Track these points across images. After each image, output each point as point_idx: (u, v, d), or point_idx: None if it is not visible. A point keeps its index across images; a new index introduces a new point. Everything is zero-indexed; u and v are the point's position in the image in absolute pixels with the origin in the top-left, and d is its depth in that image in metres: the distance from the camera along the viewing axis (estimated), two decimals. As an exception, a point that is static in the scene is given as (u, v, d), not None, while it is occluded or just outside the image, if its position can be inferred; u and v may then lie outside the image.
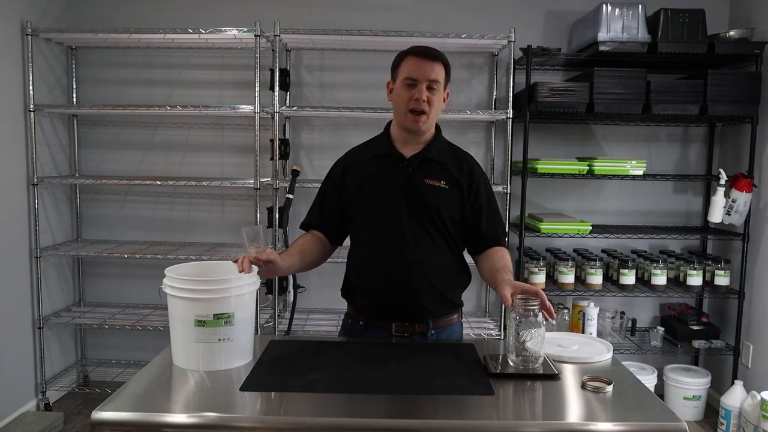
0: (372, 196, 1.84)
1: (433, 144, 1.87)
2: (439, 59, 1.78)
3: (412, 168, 1.83)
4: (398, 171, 1.83)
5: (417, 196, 1.81)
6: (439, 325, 1.87)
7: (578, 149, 3.63)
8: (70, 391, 3.65)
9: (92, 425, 1.30)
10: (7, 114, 3.12)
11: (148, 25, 3.50)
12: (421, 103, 1.76)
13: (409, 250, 1.79)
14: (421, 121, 1.79)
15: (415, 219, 1.80)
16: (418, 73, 1.76)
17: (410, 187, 1.81)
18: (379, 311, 1.86)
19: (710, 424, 3.35)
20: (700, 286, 3.34)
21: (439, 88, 1.78)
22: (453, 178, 1.84)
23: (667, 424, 1.30)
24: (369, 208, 1.85)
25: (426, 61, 1.76)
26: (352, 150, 1.97)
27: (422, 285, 1.82)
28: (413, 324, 1.84)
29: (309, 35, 3.23)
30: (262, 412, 1.37)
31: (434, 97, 1.78)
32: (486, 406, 1.37)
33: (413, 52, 1.79)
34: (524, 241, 3.31)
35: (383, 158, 1.87)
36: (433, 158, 1.85)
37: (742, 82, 3.14)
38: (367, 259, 1.87)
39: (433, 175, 1.83)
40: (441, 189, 1.82)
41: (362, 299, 1.89)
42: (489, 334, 3.33)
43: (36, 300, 3.35)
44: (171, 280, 1.56)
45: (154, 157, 3.70)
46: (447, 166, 1.85)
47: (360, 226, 1.90)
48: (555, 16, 3.59)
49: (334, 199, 1.92)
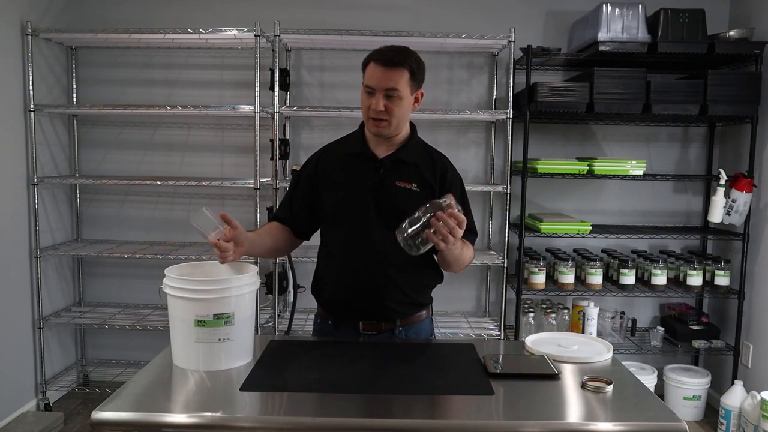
0: (342, 196, 1.84)
1: (407, 145, 1.85)
2: (400, 65, 1.73)
3: (383, 169, 1.82)
4: (370, 172, 1.82)
5: (387, 198, 1.80)
6: (407, 322, 1.88)
7: (578, 149, 3.63)
8: (70, 391, 3.65)
9: (92, 425, 1.30)
10: (7, 114, 3.12)
11: (148, 25, 3.50)
12: (377, 112, 1.74)
13: (377, 251, 1.79)
14: (381, 126, 1.77)
15: (383, 221, 1.79)
16: (374, 81, 1.73)
17: (381, 189, 1.81)
18: (346, 310, 1.87)
19: (710, 424, 3.35)
20: (700, 286, 3.34)
21: (399, 95, 1.74)
22: (425, 180, 1.83)
23: (667, 424, 1.30)
24: (339, 208, 1.84)
25: (384, 69, 1.72)
26: (327, 147, 1.96)
27: (388, 286, 1.82)
28: (380, 322, 1.85)
29: (309, 35, 3.23)
30: (262, 412, 1.37)
31: (393, 105, 1.74)
32: (486, 406, 1.37)
33: (374, 59, 1.75)
34: (524, 241, 3.31)
35: (356, 157, 1.85)
36: (405, 160, 1.83)
37: (742, 82, 3.14)
38: (335, 259, 1.87)
39: (405, 177, 1.82)
40: (412, 191, 1.81)
41: (330, 298, 1.91)
42: (489, 334, 3.33)
43: (36, 300, 3.35)
44: (171, 280, 1.57)
45: (154, 157, 3.70)
46: (419, 168, 1.84)
47: (329, 225, 1.89)
48: (555, 16, 3.59)
49: (305, 194, 1.91)
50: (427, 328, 1.95)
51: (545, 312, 3.38)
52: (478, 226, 3.64)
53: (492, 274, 3.70)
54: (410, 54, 1.78)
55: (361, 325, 1.85)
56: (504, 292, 3.37)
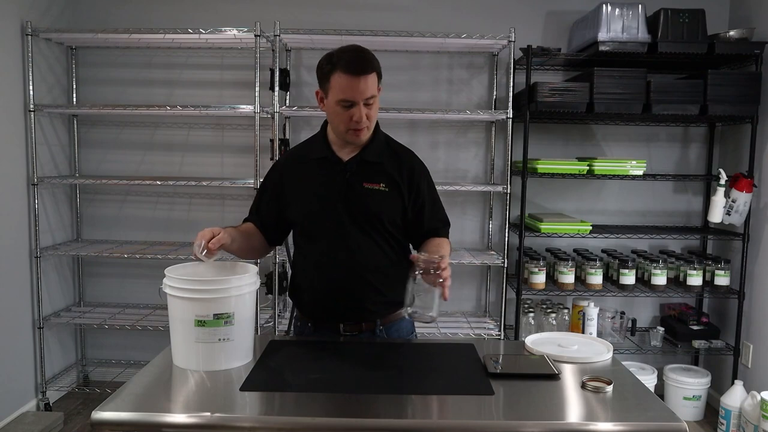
0: (312, 202, 1.81)
1: (370, 145, 1.82)
2: (370, 70, 1.68)
3: (350, 172, 1.80)
4: (337, 176, 1.80)
5: (357, 200, 1.78)
6: (388, 321, 1.88)
7: (578, 149, 3.63)
8: (70, 391, 3.65)
9: (92, 425, 1.30)
10: (7, 114, 3.12)
11: (148, 25, 3.50)
12: (361, 123, 1.71)
13: (351, 254, 1.78)
14: (362, 135, 1.75)
15: (355, 224, 1.78)
16: (353, 94, 1.67)
17: (350, 192, 1.79)
18: (325, 314, 1.86)
19: (710, 424, 3.35)
20: (700, 286, 3.34)
21: (375, 100, 1.72)
22: (392, 179, 1.81)
23: (667, 424, 1.30)
24: (309, 214, 1.82)
25: (359, 79, 1.66)
26: (290, 153, 1.95)
27: (366, 289, 1.81)
28: (360, 323, 1.84)
29: (309, 35, 3.23)
30: (262, 412, 1.37)
31: (371, 110, 1.72)
32: (486, 406, 1.37)
33: (344, 69, 1.66)
34: (524, 241, 3.31)
35: (321, 162, 1.83)
36: (370, 160, 1.81)
37: (742, 82, 3.14)
38: (310, 265, 1.85)
39: (372, 178, 1.80)
40: (380, 191, 1.80)
41: (308, 303, 1.89)
42: (489, 334, 3.33)
43: (36, 300, 3.35)
44: (171, 280, 1.57)
45: (154, 157, 3.70)
46: (385, 167, 1.81)
47: (301, 232, 1.88)
48: (555, 16, 3.59)
49: (271, 204, 1.90)
50: (408, 325, 1.95)
51: (545, 312, 3.38)
52: (477, 226, 3.71)
53: (492, 274, 3.70)
54: (370, 53, 1.73)
55: (342, 327, 1.84)
56: (504, 292, 3.37)
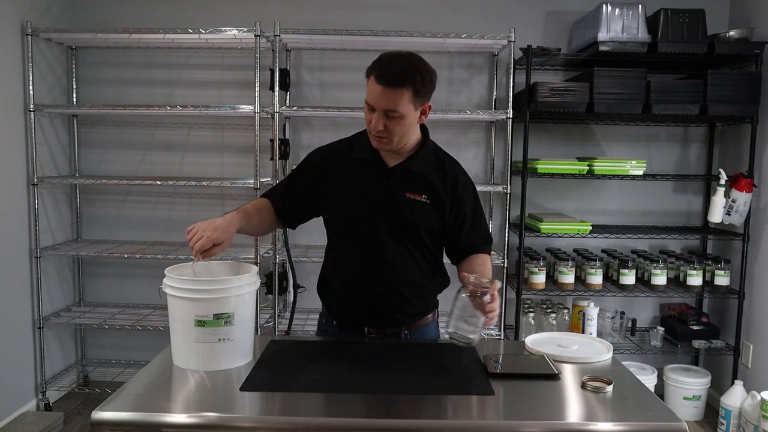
0: (351, 205, 1.78)
1: (417, 154, 1.78)
2: (401, 85, 1.61)
3: (392, 180, 1.76)
4: (379, 181, 1.76)
5: (396, 209, 1.75)
6: (413, 326, 1.87)
7: (578, 149, 3.63)
8: (70, 391, 3.65)
9: (92, 425, 1.30)
10: (7, 114, 3.12)
11: (148, 25, 3.50)
12: (377, 131, 1.67)
13: (386, 265, 1.76)
14: (383, 143, 1.71)
15: (392, 233, 1.75)
16: (374, 100, 1.64)
17: (390, 200, 1.75)
18: (352, 318, 1.85)
19: (710, 424, 3.35)
20: (700, 286, 3.34)
21: (400, 115, 1.64)
22: (435, 191, 1.77)
23: (667, 424, 1.30)
24: (347, 217, 1.80)
25: (384, 89, 1.61)
26: (335, 146, 1.87)
27: (397, 300, 1.79)
28: (386, 328, 1.83)
29: (309, 35, 3.23)
30: (262, 412, 1.37)
31: (393, 124, 1.65)
32: (486, 406, 1.37)
33: (375, 74, 1.63)
34: (524, 241, 3.31)
35: (365, 164, 1.79)
36: (415, 170, 1.77)
37: (742, 82, 3.14)
38: (342, 268, 1.84)
39: (415, 188, 1.76)
40: (422, 203, 1.76)
41: (336, 304, 1.88)
42: (489, 334, 3.33)
43: (36, 300, 3.35)
44: (171, 280, 1.56)
45: (154, 157, 3.70)
46: (429, 179, 1.77)
47: (336, 233, 1.85)
48: (555, 16, 3.59)
49: (305, 189, 1.84)
50: (434, 330, 1.93)
51: (545, 312, 3.38)
52: (478, 226, 3.69)
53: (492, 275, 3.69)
54: (415, 68, 1.64)
55: (367, 330, 1.83)
56: (504, 292, 3.37)
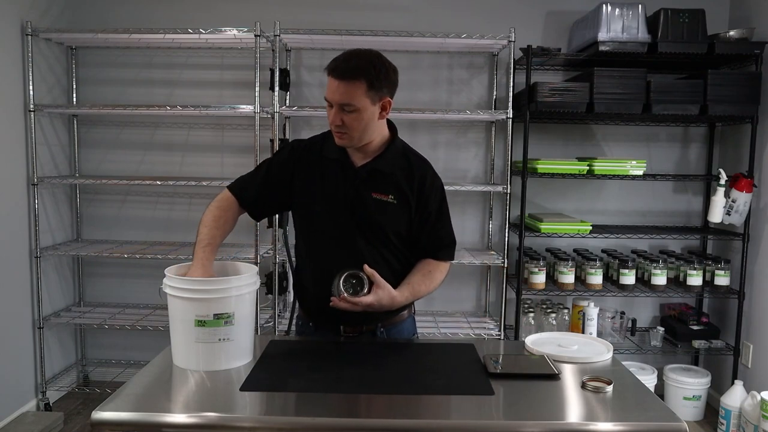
0: (318, 204, 1.78)
1: (385, 154, 1.78)
2: (354, 77, 1.63)
3: (359, 180, 1.77)
4: (346, 181, 1.77)
5: (363, 209, 1.76)
6: (389, 323, 1.87)
7: (578, 149, 3.63)
8: (70, 391, 3.65)
9: (92, 425, 1.30)
10: (7, 114, 3.12)
11: (148, 25, 3.50)
12: (336, 126, 1.69)
13: (355, 263, 1.74)
14: (344, 139, 1.72)
15: (361, 232, 1.76)
16: (330, 95, 1.67)
17: (357, 200, 1.76)
18: (326, 317, 1.84)
19: (710, 424, 3.35)
20: (700, 286, 3.34)
21: (356, 109, 1.65)
22: (402, 191, 1.77)
23: (667, 424, 1.30)
24: (314, 216, 1.80)
25: (338, 83, 1.64)
26: (309, 142, 1.87)
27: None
28: (362, 325, 1.84)
29: (309, 35, 3.23)
30: (262, 412, 1.37)
31: (350, 119, 1.67)
32: (486, 406, 1.37)
33: (329, 69, 1.66)
34: (524, 241, 3.31)
35: (333, 163, 1.79)
36: (382, 170, 1.77)
37: (742, 82, 3.14)
38: (312, 267, 1.84)
39: (381, 188, 1.76)
40: (388, 203, 1.76)
41: (310, 304, 1.89)
42: (489, 334, 3.33)
43: (36, 300, 3.35)
44: (171, 280, 1.56)
45: (154, 157, 3.70)
46: (397, 179, 1.77)
47: (304, 232, 1.85)
48: (555, 16, 3.59)
49: (277, 180, 1.84)
50: (409, 326, 1.94)
51: (545, 312, 3.38)
52: (477, 226, 3.71)
53: (492, 274, 3.70)
54: (370, 62, 1.67)
55: (342, 329, 1.84)
56: (504, 292, 3.37)
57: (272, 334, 3.24)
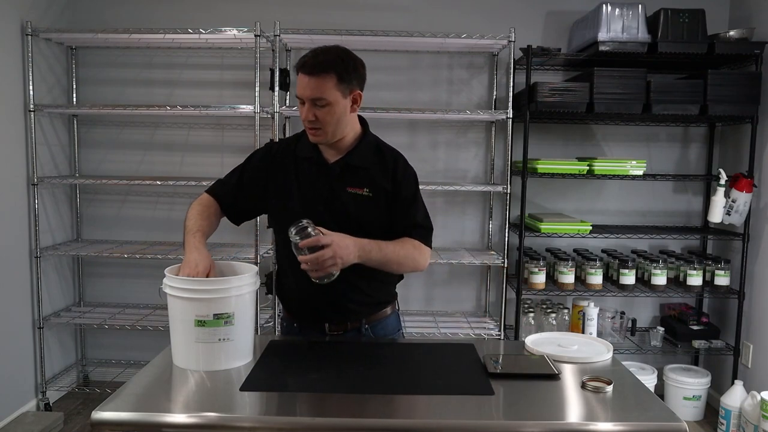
0: (294, 203, 1.79)
1: (357, 149, 1.80)
2: (323, 71, 1.66)
3: (333, 176, 1.78)
4: (320, 179, 1.78)
5: (339, 205, 1.77)
6: (373, 320, 1.87)
7: (578, 149, 3.63)
8: (70, 391, 3.65)
9: (92, 425, 1.30)
10: (7, 114, 3.12)
11: (148, 25, 3.50)
12: (309, 122, 1.71)
13: None
14: (318, 135, 1.73)
15: (338, 228, 1.73)
16: (301, 91, 1.69)
17: (332, 197, 1.77)
18: (309, 315, 1.86)
19: (710, 424, 3.35)
20: (700, 286, 3.34)
21: (327, 103, 1.68)
22: (376, 183, 1.78)
23: (667, 424, 1.30)
24: (292, 215, 1.76)
25: (308, 78, 1.67)
26: (283, 143, 1.90)
27: (349, 290, 1.79)
28: (346, 322, 1.84)
29: (309, 35, 3.23)
30: (262, 412, 1.37)
31: (323, 113, 1.69)
32: (486, 406, 1.37)
33: (299, 66, 1.69)
34: (524, 241, 3.31)
35: (306, 162, 1.81)
36: (355, 164, 1.78)
37: (742, 82, 3.14)
38: (292, 266, 1.81)
39: (356, 182, 1.77)
40: (364, 197, 1.77)
41: (293, 303, 1.90)
42: (489, 334, 3.33)
43: (36, 300, 3.35)
44: (171, 280, 1.57)
45: (154, 157, 3.70)
46: (371, 172, 1.78)
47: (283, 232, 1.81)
48: (555, 16, 3.59)
49: (252, 184, 1.87)
50: (394, 323, 1.95)
51: (545, 312, 3.38)
52: (477, 226, 3.71)
53: (492, 274, 3.70)
54: (337, 56, 1.70)
55: (327, 327, 1.84)
56: (504, 292, 3.37)
57: (272, 334, 3.24)
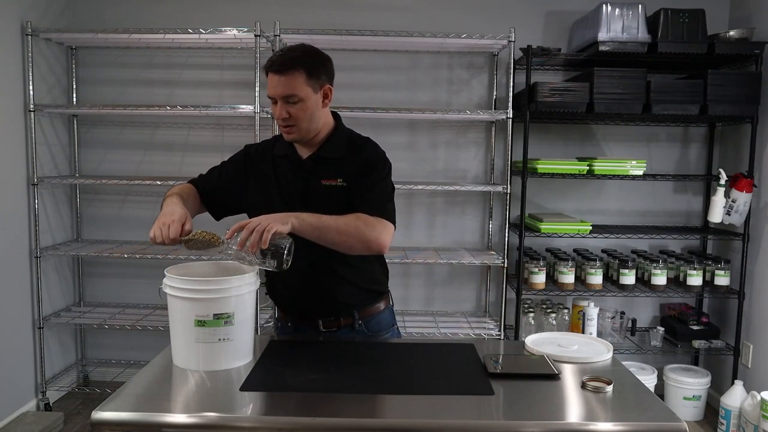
0: (273, 202, 1.80)
1: (329, 141, 1.82)
2: (292, 68, 1.69)
3: (307, 170, 1.81)
4: (296, 174, 1.81)
5: (316, 198, 1.78)
6: (366, 314, 1.88)
7: (578, 149, 3.63)
8: (70, 391, 3.65)
9: (92, 425, 1.30)
10: (7, 114, 3.12)
11: (148, 25, 3.50)
12: (283, 119, 1.73)
13: (316, 251, 1.71)
14: (292, 133, 1.76)
15: None
16: (272, 90, 1.72)
17: (308, 191, 1.79)
18: (302, 312, 1.87)
19: (710, 424, 3.35)
20: (700, 286, 3.34)
21: (299, 99, 1.71)
22: (350, 173, 1.78)
23: (667, 424, 1.30)
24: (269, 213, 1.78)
25: (278, 77, 1.70)
26: (262, 144, 1.95)
27: (336, 283, 1.81)
28: (339, 318, 1.85)
29: (309, 35, 3.23)
30: (262, 412, 1.37)
31: (296, 110, 1.71)
32: (486, 406, 1.37)
33: (267, 66, 1.72)
34: (524, 241, 3.31)
35: (282, 160, 1.85)
36: (328, 156, 1.80)
37: (742, 82, 3.14)
38: None
39: (330, 174, 1.79)
40: (338, 187, 1.78)
41: (285, 302, 1.92)
42: (489, 334, 3.33)
43: (36, 300, 3.35)
44: (171, 280, 1.56)
45: (154, 157, 3.70)
46: (343, 162, 1.80)
47: None
48: (555, 16, 3.59)
49: (229, 177, 1.91)
50: (388, 318, 1.95)
51: (545, 312, 3.38)
52: (477, 226, 3.71)
53: (492, 274, 3.70)
54: (304, 52, 1.74)
55: (321, 324, 1.85)
56: (504, 292, 3.37)
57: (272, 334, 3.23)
